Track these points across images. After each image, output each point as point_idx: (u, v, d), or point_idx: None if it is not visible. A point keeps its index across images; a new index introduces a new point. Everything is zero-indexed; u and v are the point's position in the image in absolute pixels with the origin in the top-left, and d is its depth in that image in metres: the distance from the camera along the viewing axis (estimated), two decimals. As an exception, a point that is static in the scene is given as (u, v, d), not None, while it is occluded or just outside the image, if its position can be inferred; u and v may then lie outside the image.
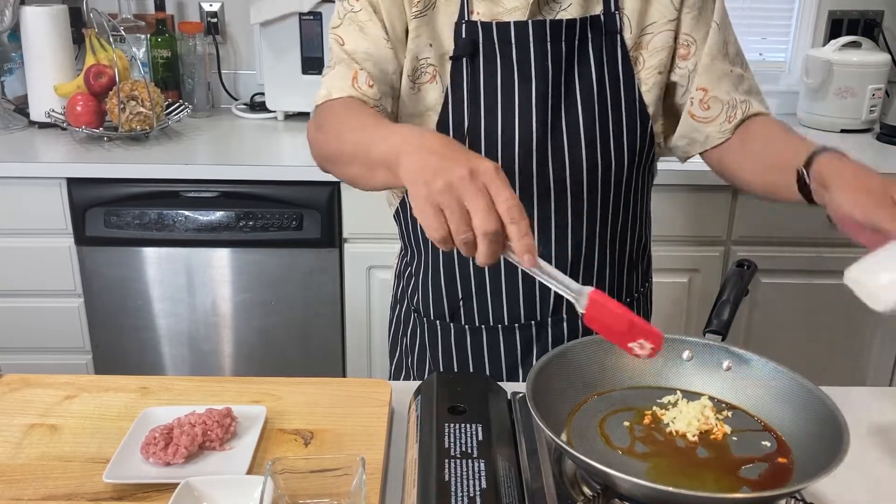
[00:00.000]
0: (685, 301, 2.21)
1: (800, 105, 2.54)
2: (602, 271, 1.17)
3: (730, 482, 0.79)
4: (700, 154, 1.17)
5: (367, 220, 2.06)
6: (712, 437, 0.86)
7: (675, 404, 0.90)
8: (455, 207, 0.74)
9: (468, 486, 0.77)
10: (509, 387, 1.01)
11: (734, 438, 0.86)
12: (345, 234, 2.10)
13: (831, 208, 0.94)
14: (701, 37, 1.11)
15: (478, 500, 0.76)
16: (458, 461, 0.81)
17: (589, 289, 0.81)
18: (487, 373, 1.19)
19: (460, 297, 1.17)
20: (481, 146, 1.08)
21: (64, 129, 2.22)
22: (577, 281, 0.82)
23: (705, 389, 0.93)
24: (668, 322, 2.22)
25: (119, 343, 2.19)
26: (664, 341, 0.83)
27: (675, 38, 1.11)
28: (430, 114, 1.10)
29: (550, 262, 1.10)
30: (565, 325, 1.18)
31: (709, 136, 1.13)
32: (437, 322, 1.21)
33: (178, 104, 2.35)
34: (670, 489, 0.74)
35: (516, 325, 1.17)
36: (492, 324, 1.18)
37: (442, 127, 1.10)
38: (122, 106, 2.13)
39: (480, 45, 1.07)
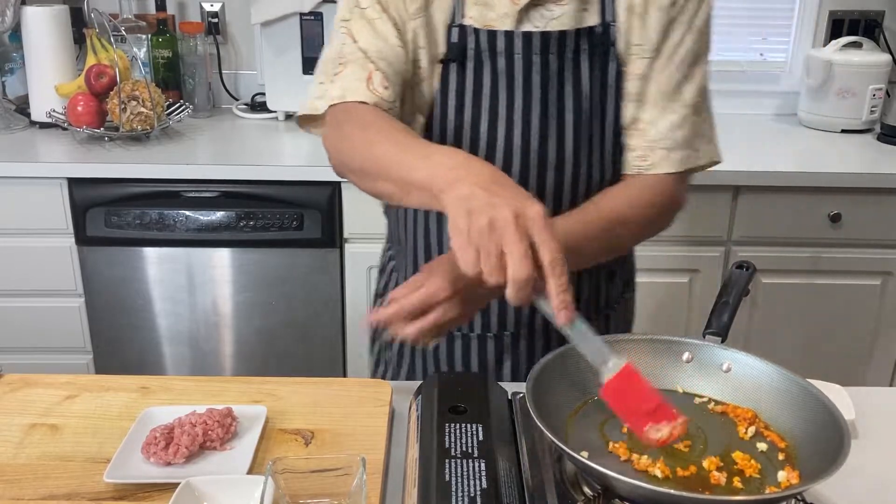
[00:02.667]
0: (685, 301, 2.21)
1: (800, 105, 2.54)
2: (580, 283, 1.15)
3: (730, 484, 0.80)
4: None
5: (367, 220, 2.06)
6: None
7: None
8: (492, 250, 0.74)
9: (468, 486, 0.78)
10: (510, 387, 1.01)
11: (733, 443, 0.86)
12: (345, 234, 2.10)
13: None
14: (660, 64, 1.07)
15: (478, 500, 0.76)
16: (459, 461, 0.81)
17: (625, 360, 0.80)
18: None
19: None
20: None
21: (65, 129, 2.22)
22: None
23: (705, 391, 0.93)
24: (668, 322, 2.22)
25: (119, 343, 2.20)
26: (666, 349, 0.83)
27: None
28: (418, 115, 1.09)
29: None
30: (536, 338, 1.17)
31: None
32: None
33: (178, 104, 2.35)
34: (670, 491, 0.74)
35: (489, 334, 1.17)
36: (465, 331, 1.17)
37: (427, 130, 1.09)
38: (122, 106, 2.13)
39: (470, 52, 1.05)
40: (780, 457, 0.84)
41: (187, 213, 2.06)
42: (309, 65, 2.31)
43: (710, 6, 1.09)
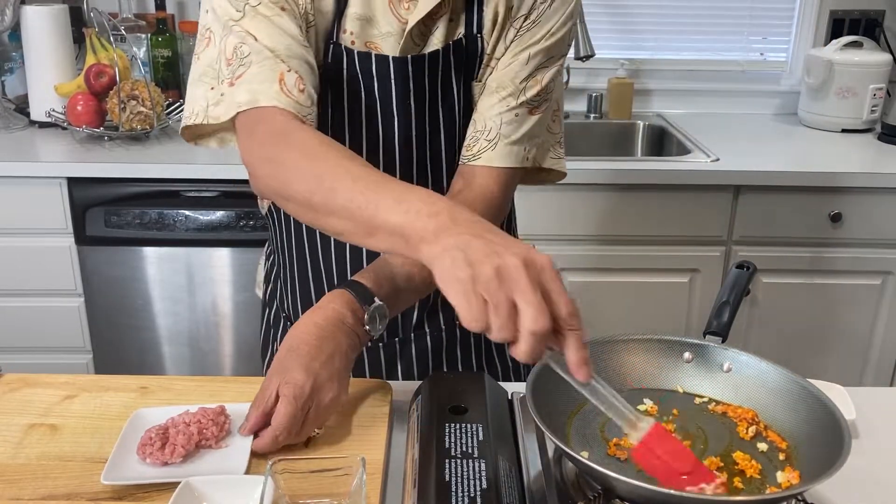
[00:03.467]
0: (685, 301, 2.21)
1: (801, 105, 2.54)
2: None
3: (731, 484, 0.79)
4: None
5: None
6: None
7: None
8: (503, 300, 0.67)
9: (468, 486, 0.77)
10: (510, 387, 1.01)
11: (733, 443, 0.86)
12: (345, 234, 2.10)
13: None
14: (504, 61, 1.05)
15: (478, 500, 0.76)
16: (459, 461, 0.81)
17: (652, 420, 0.76)
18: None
19: None
20: None
21: (64, 128, 2.22)
22: (437, 311, 0.74)
23: (705, 391, 0.93)
24: (668, 322, 2.22)
25: (119, 343, 2.19)
26: (666, 350, 0.82)
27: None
28: None
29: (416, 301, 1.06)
30: (428, 339, 1.17)
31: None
32: None
33: (178, 104, 2.35)
34: (670, 491, 0.74)
35: (380, 343, 1.16)
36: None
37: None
38: (122, 105, 2.13)
39: (345, 73, 1.00)
40: (781, 457, 0.84)
41: (187, 212, 2.06)
42: (309, 64, 2.31)
43: (569, 10, 1.04)
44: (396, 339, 1.17)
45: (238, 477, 0.85)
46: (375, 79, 1.01)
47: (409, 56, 1.01)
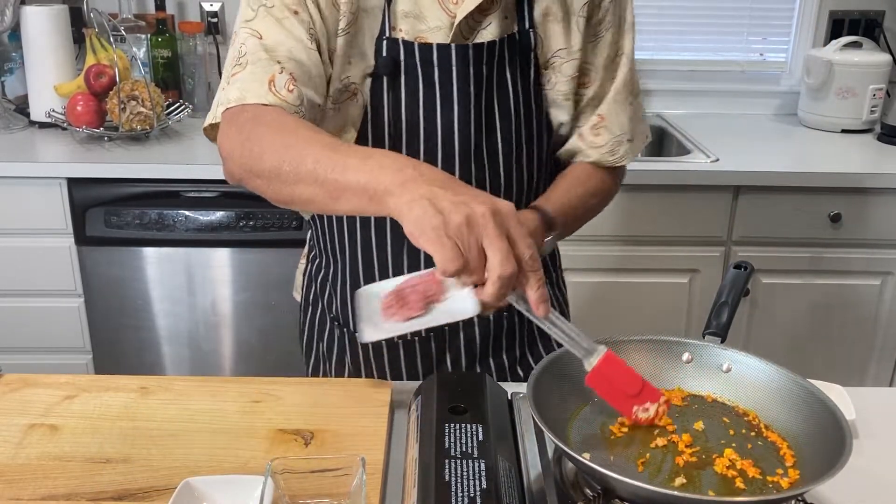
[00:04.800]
0: (685, 301, 2.21)
1: (800, 105, 2.54)
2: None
3: (731, 484, 0.79)
4: None
5: (367, 220, 2.06)
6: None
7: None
8: (473, 245, 0.71)
9: (468, 486, 0.77)
10: (509, 387, 1.01)
11: (733, 444, 0.86)
12: (345, 234, 2.10)
13: None
14: (600, 63, 1.12)
15: (478, 500, 0.76)
16: (458, 461, 0.81)
17: (604, 347, 0.83)
18: (405, 378, 1.19)
19: None
20: None
21: (64, 128, 2.22)
22: None
23: (705, 391, 0.93)
24: (668, 322, 2.22)
25: (119, 343, 2.19)
26: (666, 350, 0.84)
27: (579, 67, 1.11)
28: (350, 128, 1.07)
29: None
30: (476, 329, 1.17)
31: (587, 155, 1.14)
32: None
33: (178, 104, 2.35)
34: (671, 492, 0.74)
35: (431, 334, 1.17)
36: (409, 336, 1.17)
37: (362, 143, 1.07)
38: (122, 106, 2.13)
39: (402, 65, 1.03)
40: (781, 457, 0.84)
41: (187, 213, 2.06)
42: (309, 65, 2.31)
43: (630, 3, 1.13)
44: (446, 328, 1.17)
45: (238, 477, 0.85)
46: (436, 66, 1.03)
47: (470, 43, 1.03)
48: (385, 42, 1.03)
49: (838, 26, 2.57)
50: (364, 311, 0.89)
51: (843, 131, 2.44)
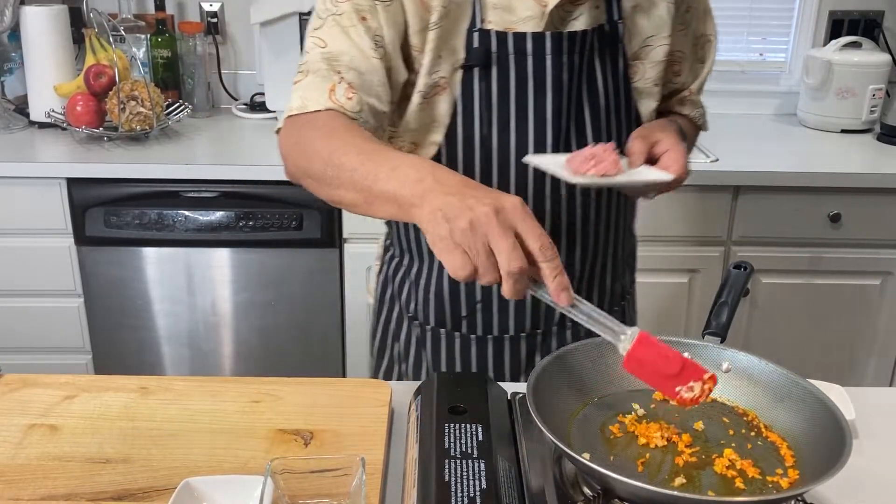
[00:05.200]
0: (685, 301, 2.21)
1: (800, 105, 2.54)
2: (603, 283, 1.18)
3: (731, 484, 0.79)
4: None
5: (366, 220, 2.05)
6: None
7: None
8: (480, 248, 0.73)
9: (468, 486, 0.77)
10: (509, 387, 1.01)
11: (733, 444, 0.86)
12: (345, 234, 2.10)
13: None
14: (689, 50, 1.19)
15: (478, 500, 0.76)
16: (458, 461, 0.81)
17: (637, 329, 0.80)
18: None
19: (465, 309, 1.16)
20: (493, 159, 1.07)
21: (64, 129, 2.22)
22: (580, 293, 0.79)
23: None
24: (667, 322, 2.22)
25: (119, 343, 2.19)
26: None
27: (669, 54, 1.13)
28: (438, 126, 1.08)
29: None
30: (568, 332, 1.18)
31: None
32: (440, 330, 1.19)
33: (178, 104, 2.35)
34: (671, 492, 0.74)
35: (522, 334, 1.17)
36: (497, 334, 1.17)
37: (451, 138, 1.08)
38: (122, 106, 2.13)
39: (494, 55, 1.05)
40: (781, 457, 0.84)
41: (186, 213, 2.06)
42: (308, 65, 2.31)
43: None
44: (538, 331, 1.17)
45: (238, 477, 0.85)
46: (530, 55, 1.04)
47: (564, 31, 1.04)
48: (476, 33, 1.04)
49: (838, 26, 2.56)
50: (549, 167, 0.97)
51: (843, 131, 2.44)
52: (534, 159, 1.01)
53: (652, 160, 1.03)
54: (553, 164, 0.97)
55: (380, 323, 1.29)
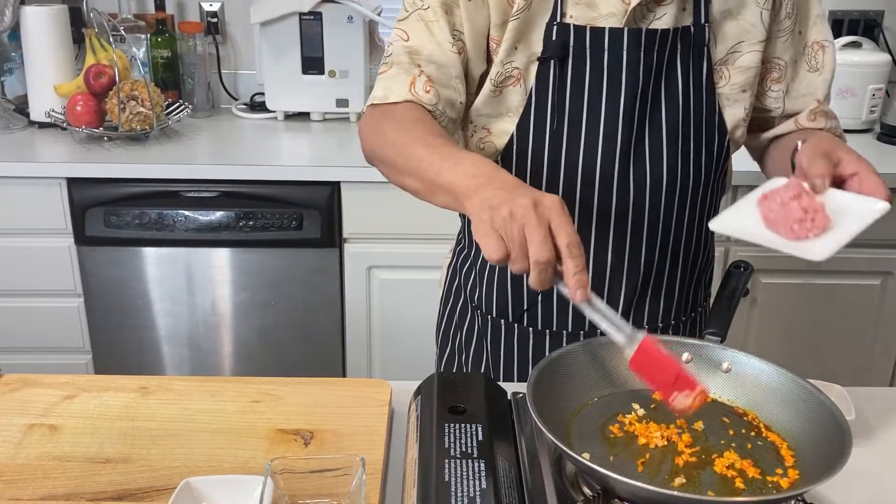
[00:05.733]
0: (685, 301, 2.20)
1: (800, 105, 2.53)
2: (672, 288, 1.17)
3: (731, 484, 0.79)
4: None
5: (367, 220, 2.06)
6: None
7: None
8: (515, 236, 0.78)
9: (468, 486, 0.77)
10: (509, 387, 1.01)
11: (733, 444, 0.86)
12: (345, 234, 2.10)
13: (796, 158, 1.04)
14: (790, 58, 1.15)
15: (478, 500, 0.76)
16: (458, 461, 0.81)
17: (642, 334, 0.82)
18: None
19: (527, 302, 1.16)
20: (562, 150, 1.07)
21: (64, 128, 2.22)
22: (645, 302, 0.85)
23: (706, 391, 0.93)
24: (668, 322, 2.21)
25: (119, 343, 2.19)
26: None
27: (765, 61, 1.12)
28: (511, 116, 1.09)
29: (622, 278, 1.11)
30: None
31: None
32: (501, 321, 1.19)
33: (178, 104, 2.35)
34: (670, 492, 0.74)
35: (581, 331, 1.17)
36: (556, 329, 1.17)
37: (522, 130, 1.08)
38: (122, 106, 2.13)
39: (571, 48, 1.05)
40: (781, 457, 0.84)
41: (186, 213, 2.06)
42: (308, 65, 2.31)
43: None
44: (597, 329, 1.16)
45: (238, 477, 0.85)
46: (606, 50, 1.05)
47: (643, 28, 1.04)
48: (556, 27, 1.05)
49: (838, 26, 2.56)
50: (749, 234, 0.91)
51: (843, 131, 2.43)
52: (720, 225, 0.99)
53: (835, 183, 0.98)
54: (751, 229, 0.92)
55: (445, 312, 1.31)
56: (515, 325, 1.19)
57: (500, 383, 1.01)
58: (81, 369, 2.21)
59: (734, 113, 1.12)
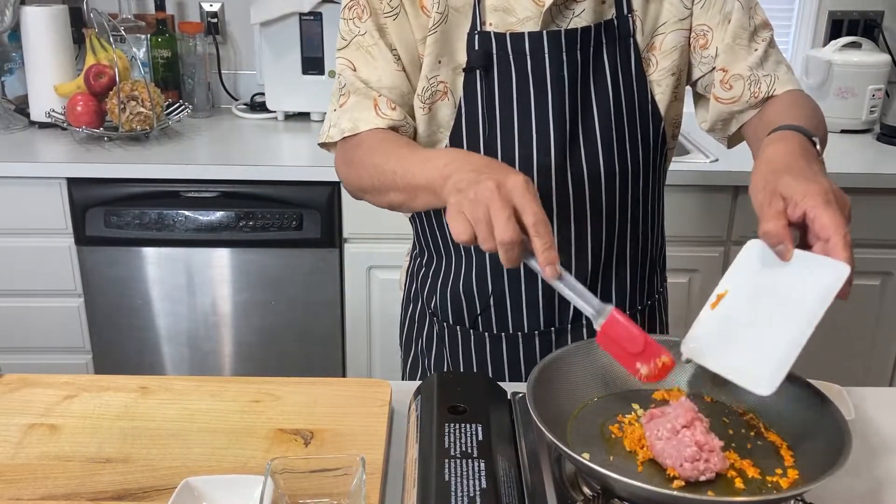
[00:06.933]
0: (685, 301, 2.20)
1: (800, 105, 2.53)
2: (623, 278, 1.17)
3: (731, 484, 0.79)
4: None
5: (367, 220, 2.06)
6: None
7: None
8: (480, 217, 0.81)
9: (468, 486, 0.77)
10: (509, 387, 1.01)
11: (733, 444, 0.86)
12: (345, 234, 2.10)
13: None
14: (716, 22, 1.10)
15: (478, 500, 0.76)
16: (458, 461, 0.81)
17: (611, 306, 0.84)
18: (507, 378, 1.18)
19: (479, 307, 1.16)
20: (497, 157, 1.07)
21: (64, 129, 2.22)
22: (596, 292, 0.85)
23: (705, 391, 0.93)
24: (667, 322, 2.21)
25: (119, 343, 2.19)
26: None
27: (690, 32, 1.11)
28: (443, 131, 1.09)
29: (572, 272, 1.10)
30: (584, 330, 1.17)
31: (736, 114, 1.17)
32: (457, 328, 1.19)
33: (178, 104, 2.35)
34: (670, 492, 0.74)
35: (536, 332, 1.17)
36: (511, 332, 1.17)
37: (455, 143, 1.08)
38: (122, 106, 2.13)
39: (494, 57, 1.05)
40: (781, 457, 0.84)
41: (186, 213, 2.06)
42: (308, 65, 2.31)
43: None
44: (552, 328, 1.17)
45: (238, 477, 0.85)
46: (528, 55, 1.05)
47: (562, 29, 1.05)
48: (477, 36, 1.05)
49: (837, 26, 2.57)
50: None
51: (843, 131, 2.44)
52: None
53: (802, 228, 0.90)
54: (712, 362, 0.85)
55: (406, 316, 1.30)
56: (472, 330, 1.18)
57: (501, 383, 1.01)
58: (81, 369, 2.21)
59: (666, 98, 1.12)
